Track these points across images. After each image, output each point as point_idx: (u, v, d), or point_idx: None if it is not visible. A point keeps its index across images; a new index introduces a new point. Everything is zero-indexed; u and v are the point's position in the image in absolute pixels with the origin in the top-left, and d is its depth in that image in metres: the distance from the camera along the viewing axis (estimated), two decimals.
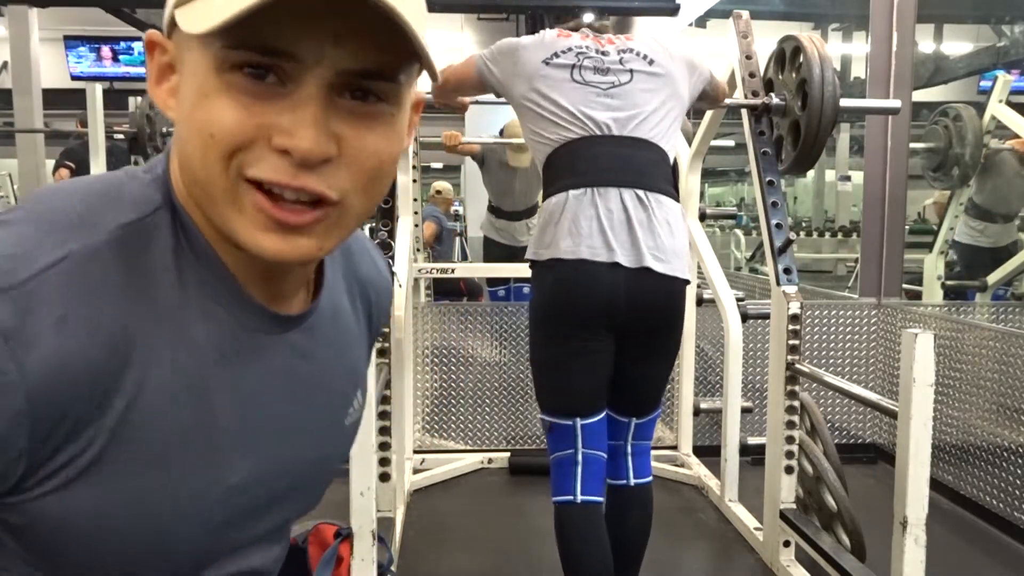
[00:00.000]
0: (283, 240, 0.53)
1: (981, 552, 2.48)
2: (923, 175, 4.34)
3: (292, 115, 0.51)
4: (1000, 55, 6.51)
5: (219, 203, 0.53)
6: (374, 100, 0.53)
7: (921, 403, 1.62)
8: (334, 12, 0.49)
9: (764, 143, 2.30)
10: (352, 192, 0.55)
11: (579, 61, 1.72)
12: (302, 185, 0.52)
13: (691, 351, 3.05)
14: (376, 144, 0.54)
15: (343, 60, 0.51)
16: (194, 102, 0.52)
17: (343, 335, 0.71)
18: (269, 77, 0.51)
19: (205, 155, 0.52)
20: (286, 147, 0.51)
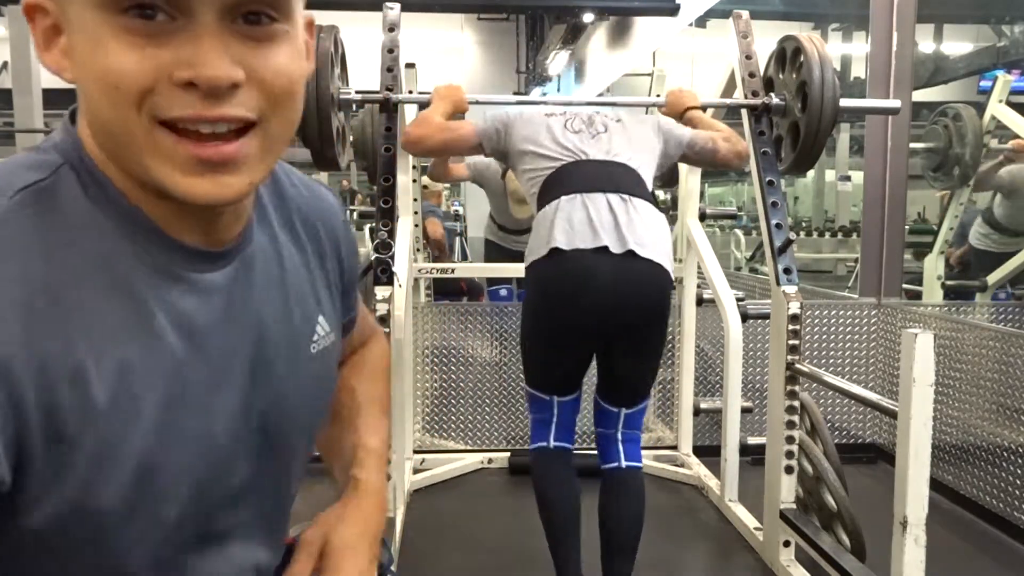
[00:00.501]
0: (211, 181, 0.53)
1: (981, 552, 2.48)
2: (923, 175, 4.34)
3: (191, 47, 0.50)
4: (1000, 55, 6.51)
5: (138, 153, 0.53)
6: (267, 21, 0.53)
7: (921, 403, 1.62)
8: None
9: (764, 143, 2.30)
10: (269, 114, 0.54)
11: (570, 118, 1.99)
12: (218, 115, 0.52)
13: (691, 351, 3.05)
14: (280, 62, 0.54)
15: None
16: (89, 54, 0.51)
17: (287, 268, 0.70)
18: (159, 15, 0.50)
19: (113, 106, 0.51)
20: (191, 78, 0.50)
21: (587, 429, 2.99)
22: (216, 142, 0.52)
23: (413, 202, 2.92)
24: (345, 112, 2.26)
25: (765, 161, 2.29)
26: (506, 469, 3.06)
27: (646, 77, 5.26)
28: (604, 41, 9.00)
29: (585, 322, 1.81)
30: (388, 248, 2.12)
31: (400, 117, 2.35)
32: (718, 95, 2.56)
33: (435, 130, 2.02)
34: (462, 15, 9.88)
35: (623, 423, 1.93)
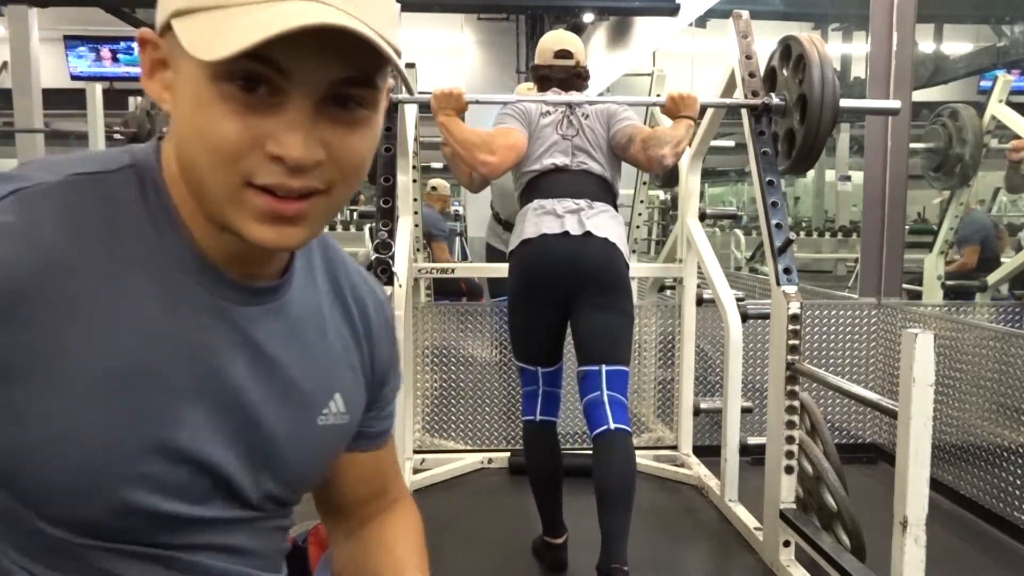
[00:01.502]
0: (277, 230, 0.59)
1: (981, 552, 2.48)
2: (923, 175, 4.34)
3: (284, 126, 0.56)
4: (1000, 55, 6.51)
5: (220, 201, 0.59)
6: (354, 107, 0.60)
7: (921, 403, 1.62)
8: (320, 38, 0.54)
9: (764, 143, 2.30)
10: (339, 183, 0.61)
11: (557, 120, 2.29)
12: (299, 185, 0.58)
13: (691, 351, 3.05)
14: (358, 145, 0.61)
15: (328, 72, 0.57)
16: (191, 108, 0.57)
17: (320, 334, 0.73)
18: (260, 88, 0.56)
19: (208, 163, 0.58)
20: (280, 155, 0.57)
21: (580, 430, 3.00)
22: (291, 200, 0.59)
23: (413, 202, 2.92)
24: None
25: (765, 161, 2.29)
26: (506, 469, 3.06)
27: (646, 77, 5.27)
28: (604, 41, 9.00)
29: (552, 286, 2.15)
30: (388, 248, 2.12)
31: (400, 117, 2.35)
32: (718, 95, 2.56)
33: (507, 151, 2.21)
34: (462, 15, 9.87)
35: (606, 383, 2.08)
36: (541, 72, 2.41)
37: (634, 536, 2.55)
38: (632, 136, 2.23)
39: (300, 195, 0.59)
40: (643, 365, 3.37)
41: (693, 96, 2.27)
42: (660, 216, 8.79)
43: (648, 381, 3.37)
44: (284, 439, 0.70)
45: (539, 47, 2.44)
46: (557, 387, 2.29)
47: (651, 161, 2.21)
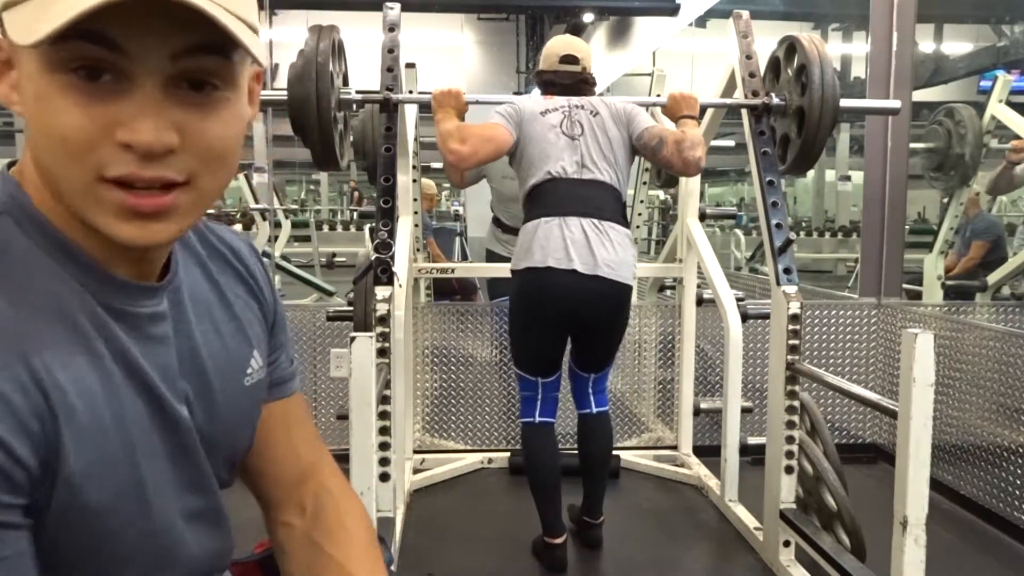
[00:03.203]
0: (140, 227, 0.57)
1: (981, 552, 2.48)
2: (923, 175, 4.34)
3: (131, 111, 0.53)
4: (1000, 55, 6.51)
5: (79, 199, 0.56)
6: (210, 89, 0.56)
7: (921, 403, 1.62)
8: (155, 10, 0.51)
9: (764, 143, 2.30)
10: (201, 173, 0.58)
11: (559, 120, 2.23)
12: (151, 175, 0.55)
13: (691, 351, 3.05)
14: (218, 129, 0.57)
15: (170, 43, 0.53)
16: (35, 105, 0.55)
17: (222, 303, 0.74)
18: (104, 76, 0.53)
19: (57, 159, 0.55)
20: (128, 142, 0.53)
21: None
22: (150, 193, 0.56)
23: (413, 202, 2.92)
24: (345, 112, 2.26)
25: (765, 161, 2.29)
26: (506, 469, 3.06)
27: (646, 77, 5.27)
28: (604, 41, 9.00)
29: (558, 322, 2.21)
30: (388, 248, 2.12)
31: (400, 117, 2.35)
32: (718, 95, 2.56)
33: (480, 142, 2.15)
34: (462, 15, 9.88)
35: (592, 385, 2.37)
36: (546, 77, 2.37)
37: (634, 536, 2.55)
38: (663, 137, 2.19)
39: (161, 188, 0.56)
40: (643, 365, 3.37)
41: (694, 96, 2.27)
42: (660, 216, 8.79)
43: (648, 381, 3.37)
44: (227, 416, 0.72)
45: (544, 52, 2.40)
46: (556, 392, 2.33)
47: (687, 164, 2.17)
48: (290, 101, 2.03)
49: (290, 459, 0.85)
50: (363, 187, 11.68)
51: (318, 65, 2.01)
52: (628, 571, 2.33)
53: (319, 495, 0.84)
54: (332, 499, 0.84)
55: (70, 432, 0.56)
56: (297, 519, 0.84)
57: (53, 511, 0.56)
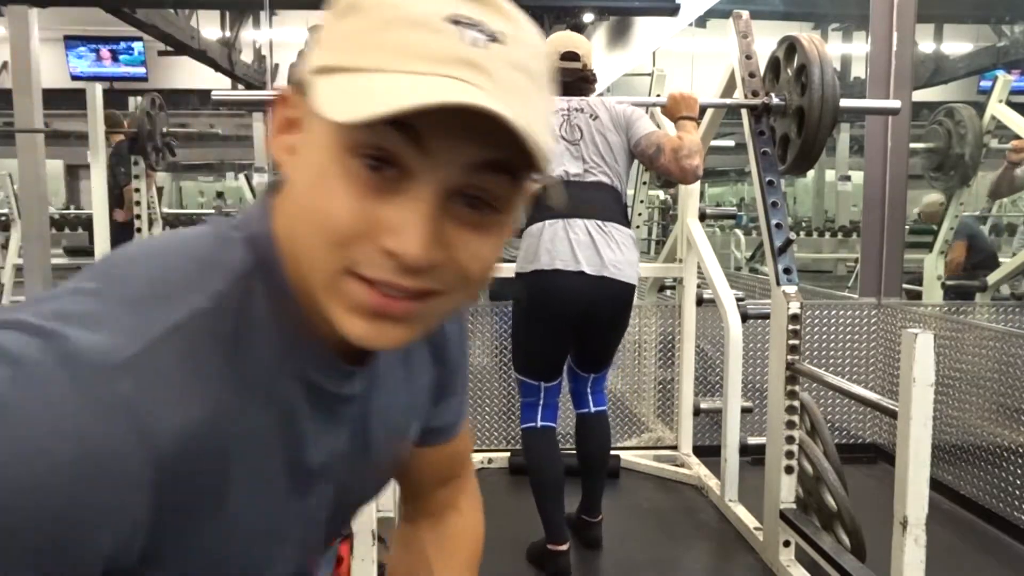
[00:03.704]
0: (376, 328, 0.53)
1: (981, 552, 2.48)
2: (923, 175, 4.34)
3: (404, 216, 0.50)
4: (1000, 55, 6.51)
5: (319, 281, 0.53)
6: (486, 208, 0.52)
7: (921, 403, 1.62)
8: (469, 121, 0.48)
9: (764, 143, 2.30)
10: (457, 288, 0.54)
11: (558, 122, 2.23)
12: (409, 286, 0.51)
13: (691, 351, 3.05)
14: (485, 252, 0.54)
15: (470, 153, 0.50)
16: (312, 178, 0.51)
17: (407, 374, 0.71)
18: (388, 170, 0.50)
19: (313, 239, 0.51)
20: (394, 251, 0.50)
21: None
22: (398, 297, 0.52)
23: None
24: None
25: (765, 161, 2.29)
26: (506, 469, 3.06)
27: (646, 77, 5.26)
28: (604, 41, 9.00)
29: (564, 324, 2.21)
30: None
31: None
32: (718, 95, 2.56)
33: None
34: None
35: (591, 385, 2.40)
36: None
37: (634, 536, 2.55)
38: (660, 145, 2.19)
39: (409, 296, 0.52)
40: (643, 365, 3.37)
41: (693, 96, 2.27)
42: (660, 216, 8.79)
43: (648, 381, 3.37)
44: (366, 486, 0.72)
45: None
46: (557, 396, 2.33)
47: (685, 172, 2.18)
48: None
49: (436, 475, 0.86)
50: None
51: None
52: (628, 571, 2.33)
53: (446, 508, 0.87)
54: (456, 516, 0.88)
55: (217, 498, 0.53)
56: (421, 518, 0.87)
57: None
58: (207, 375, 0.50)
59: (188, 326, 0.50)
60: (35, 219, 5.04)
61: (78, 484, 0.43)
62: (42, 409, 0.43)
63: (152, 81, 10.97)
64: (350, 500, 0.70)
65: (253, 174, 7.75)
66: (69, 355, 0.44)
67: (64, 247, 6.38)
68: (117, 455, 0.45)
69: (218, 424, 0.51)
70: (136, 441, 0.45)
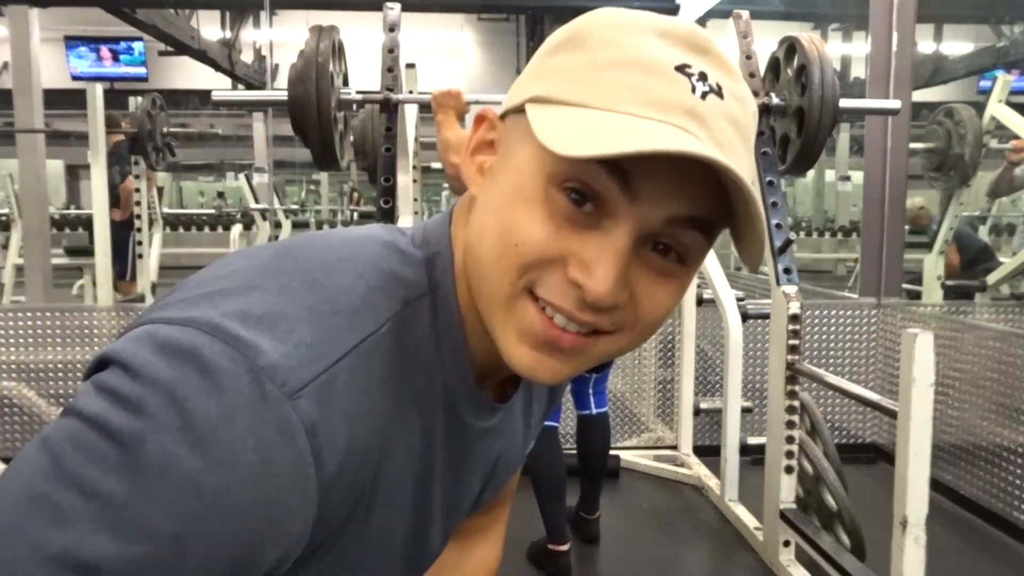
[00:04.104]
0: (540, 359, 0.52)
1: (981, 552, 2.48)
2: (923, 175, 4.34)
3: (596, 250, 0.49)
4: (1000, 55, 6.51)
5: (494, 303, 0.52)
6: (674, 259, 0.52)
7: (921, 403, 1.62)
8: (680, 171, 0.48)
9: (764, 143, 2.31)
10: (628, 330, 0.53)
11: None
12: (586, 320, 0.51)
13: (691, 351, 3.05)
14: (664, 300, 0.53)
15: (674, 207, 0.49)
16: (508, 201, 0.51)
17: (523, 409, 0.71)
18: (587, 206, 0.49)
19: (501, 259, 0.51)
20: (581, 283, 0.49)
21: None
22: (568, 331, 0.51)
23: (414, 202, 2.92)
24: (346, 112, 2.27)
25: (765, 161, 2.29)
26: None
27: None
28: None
29: None
30: None
31: (400, 117, 2.35)
32: None
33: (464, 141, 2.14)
34: (462, 15, 9.88)
35: (593, 386, 2.44)
36: None
37: (634, 536, 2.56)
38: None
39: (583, 331, 0.51)
40: (643, 365, 3.37)
41: None
42: None
43: (648, 381, 3.38)
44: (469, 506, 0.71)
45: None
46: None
47: None
48: (290, 101, 2.03)
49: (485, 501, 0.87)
50: (363, 187, 11.69)
51: (318, 65, 2.01)
52: (628, 571, 2.33)
53: (476, 534, 0.89)
54: (484, 544, 0.90)
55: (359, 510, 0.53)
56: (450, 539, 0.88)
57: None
58: (376, 400, 0.50)
59: (365, 347, 0.50)
60: (35, 219, 5.04)
61: (263, 503, 0.44)
62: (236, 430, 0.43)
63: (152, 81, 10.97)
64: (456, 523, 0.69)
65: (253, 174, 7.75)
66: (260, 371, 0.44)
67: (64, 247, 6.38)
68: (297, 477, 0.45)
69: (381, 444, 0.51)
70: (313, 463, 0.46)
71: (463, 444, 0.60)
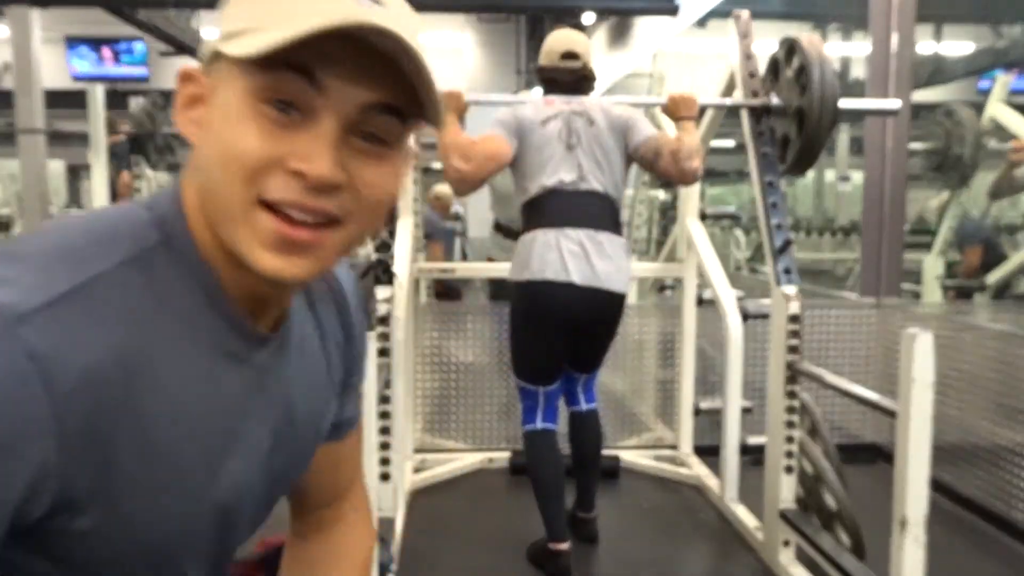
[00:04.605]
0: (285, 260, 0.58)
1: (981, 552, 2.48)
2: (922, 175, 4.35)
3: (310, 144, 0.56)
4: (999, 55, 6.51)
5: (232, 220, 0.58)
6: (379, 144, 0.60)
7: (921, 403, 1.62)
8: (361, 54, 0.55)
9: (764, 144, 2.31)
10: (355, 216, 0.60)
11: (557, 128, 2.22)
12: (315, 206, 0.57)
13: (691, 351, 3.06)
14: (379, 178, 0.60)
15: (362, 94, 0.57)
16: (224, 125, 0.57)
17: (320, 352, 0.75)
18: (293, 112, 0.56)
19: (227, 173, 0.57)
20: (302, 170, 0.56)
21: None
22: (305, 227, 0.58)
23: (413, 202, 2.92)
24: None
25: (765, 162, 2.29)
26: (506, 469, 3.07)
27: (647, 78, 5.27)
28: (604, 42, 9.01)
29: (557, 332, 2.25)
30: (388, 248, 2.13)
31: None
32: (718, 95, 2.56)
33: (484, 160, 2.17)
34: (462, 15, 9.89)
35: (583, 383, 2.45)
36: (547, 74, 2.35)
37: (634, 536, 2.56)
38: (659, 150, 2.20)
39: (314, 224, 0.58)
40: (643, 365, 3.37)
41: (693, 97, 2.27)
42: (660, 216, 8.79)
43: (648, 381, 3.38)
44: (293, 469, 0.73)
45: (545, 48, 2.36)
46: (557, 399, 2.37)
47: (685, 174, 2.20)
48: None
49: (328, 487, 0.87)
50: None
51: None
52: (628, 571, 2.33)
53: (335, 522, 0.88)
54: (345, 528, 0.89)
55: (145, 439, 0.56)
56: (310, 534, 0.88)
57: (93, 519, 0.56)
58: (111, 329, 0.54)
59: (91, 286, 0.54)
60: (36, 219, 5.04)
61: None
62: None
63: (154, 81, 10.98)
64: (277, 481, 0.72)
65: None
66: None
67: None
68: (22, 398, 0.49)
69: (125, 372, 0.54)
70: (41, 385, 0.49)
71: (235, 376, 0.63)
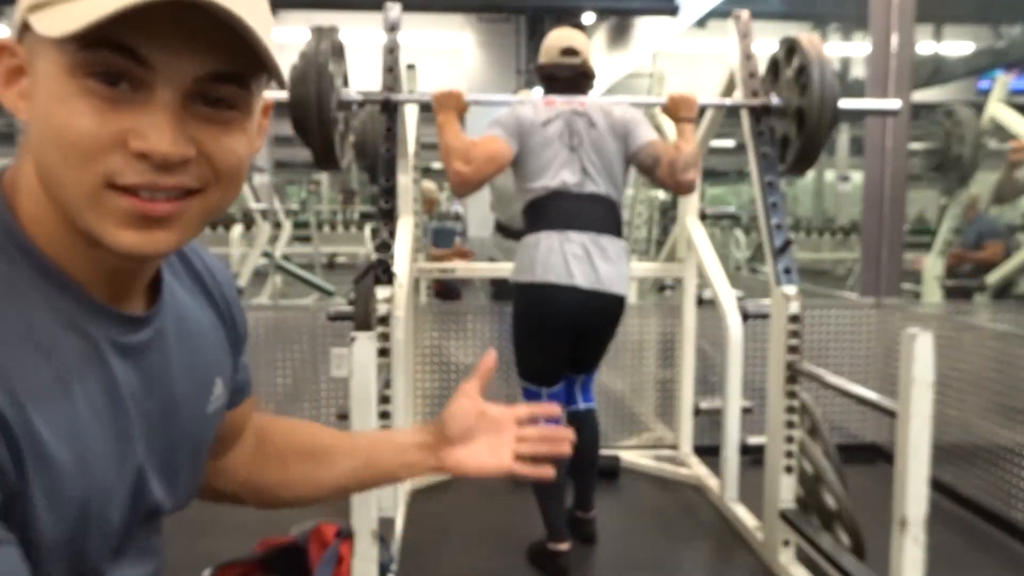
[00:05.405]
0: (143, 235, 0.55)
1: (981, 552, 2.48)
2: (922, 175, 4.35)
3: (148, 120, 0.53)
4: (998, 56, 6.51)
5: (79, 204, 0.54)
6: (225, 108, 0.57)
7: (921, 403, 1.62)
8: (186, 23, 0.51)
9: (764, 144, 2.31)
10: (213, 185, 0.58)
11: (559, 130, 2.22)
12: (169, 183, 0.55)
13: (691, 351, 3.06)
14: (232, 144, 0.58)
15: (194, 67, 0.54)
16: (49, 107, 0.53)
17: (196, 330, 0.73)
18: (122, 84, 0.52)
19: (65, 162, 0.53)
20: (144, 151, 0.53)
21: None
22: (160, 200, 0.55)
23: (413, 202, 2.92)
24: (346, 113, 2.27)
25: (765, 162, 2.29)
26: None
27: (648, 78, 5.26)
28: (604, 42, 9.01)
29: (559, 335, 2.27)
30: (388, 248, 2.13)
31: (401, 118, 2.35)
32: (718, 95, 2.56)
33: (484, 163, 2.17)
34: (462, 15, 9.89)
35: (580, 383, 2.45)
36: (547, 72, 2.35)
37: (634, 536, 2.56)
38: (657, 158, 2.21)
39: (172, 195, 0.55)
40: (643, 365, 3.37)
41: (693, 98, 2.27)
42: (660, 216, 8.80)
43: (648, 381, 3.38)
44: (188, 446, 0.71)
45: (545, 45, 2.35)
46: (560, 401, 2.36)
47: (680, 186, 2.22)
48: (291, 102, 2.03)
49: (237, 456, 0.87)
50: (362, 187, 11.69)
51: (319, 66, 2.02)
52: (628, 571, 2.33)
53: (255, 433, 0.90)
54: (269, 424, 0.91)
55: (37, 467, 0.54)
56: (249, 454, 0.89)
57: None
58: None
59: None
60: None
61: None
62: None
63: None
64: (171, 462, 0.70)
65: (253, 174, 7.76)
66: None
67: None
68: None
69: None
70: None
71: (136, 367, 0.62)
